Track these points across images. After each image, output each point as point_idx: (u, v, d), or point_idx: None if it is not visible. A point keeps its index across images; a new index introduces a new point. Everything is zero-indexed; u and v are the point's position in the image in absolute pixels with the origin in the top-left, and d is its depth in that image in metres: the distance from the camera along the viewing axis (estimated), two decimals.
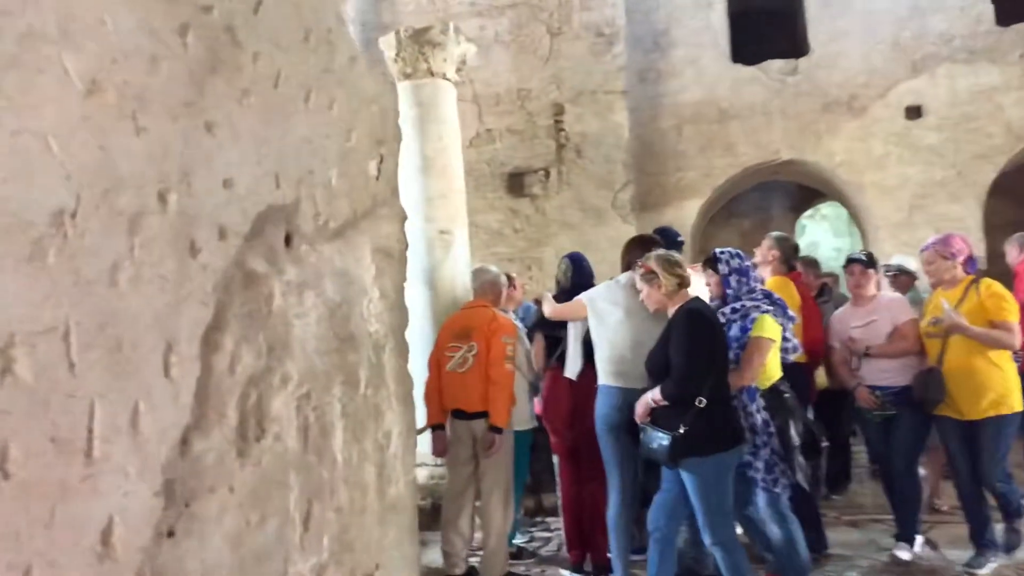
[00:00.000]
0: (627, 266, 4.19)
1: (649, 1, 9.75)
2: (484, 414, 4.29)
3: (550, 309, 4.48)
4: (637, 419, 3.55)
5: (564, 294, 4.65)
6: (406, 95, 6.55)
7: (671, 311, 3.57)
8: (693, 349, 3.35)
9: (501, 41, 9.72)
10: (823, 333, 4.88)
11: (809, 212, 13.83)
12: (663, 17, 9.76)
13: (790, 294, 4.74)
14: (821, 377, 5.05)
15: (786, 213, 13.07)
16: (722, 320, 3.72)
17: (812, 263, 6.60)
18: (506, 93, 9.71)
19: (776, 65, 9.54)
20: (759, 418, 3.65)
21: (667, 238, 4.71)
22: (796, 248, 5.20)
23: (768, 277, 4.92)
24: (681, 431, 3.31)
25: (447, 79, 6.63)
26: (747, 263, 3.88)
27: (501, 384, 4.24)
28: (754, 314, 3.70)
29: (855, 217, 10.88)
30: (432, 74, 6.50)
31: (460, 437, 4.41)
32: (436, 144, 6.51)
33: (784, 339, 3.81)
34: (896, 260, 6.07)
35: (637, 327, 3.89)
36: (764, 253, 5.03)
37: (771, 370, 3.76)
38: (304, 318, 1.33)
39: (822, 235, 14.68)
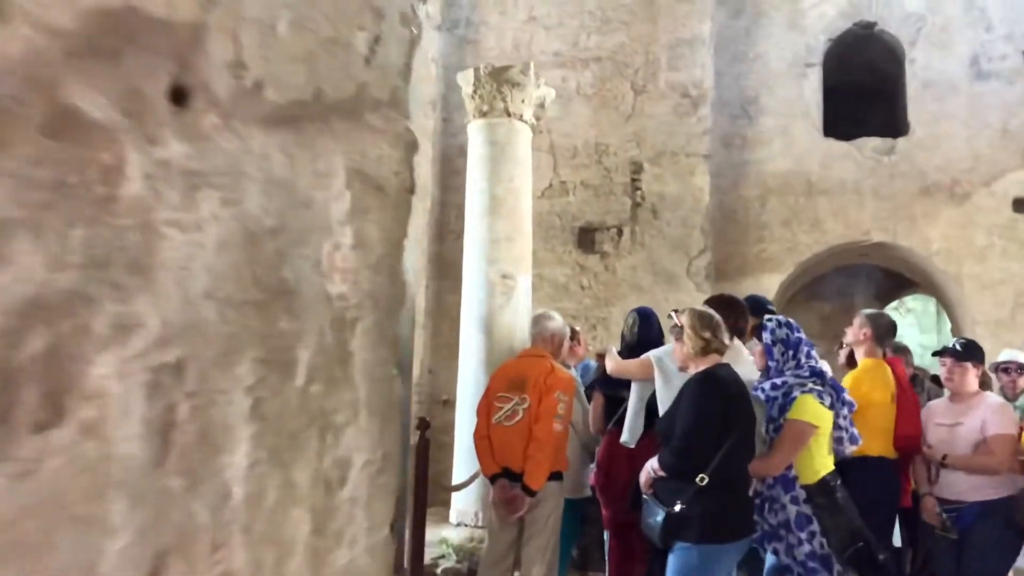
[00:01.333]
0: None
1: (740, 66, 9.42)
2: None
3: (613, 365, 4.04)
4: (642, 488, 3.16)
5: (629, 350, 4.22)
6: (480, 133, 6.31)
7: (691, 372, 3.19)
8: (698, 419, 2.98)
9: (583, 94, 9.49)
10: (920, 428, 4.30)
11: (894, 304, 13.07)
12: (753, 83, 9.40)
13: (884, 379, 4.22)
14: None
15: (870, 301, 12.32)
16: (761, 396, 3.29)
17: (902, 350, 5.97)
18: (584, 146, 9.42)
19: (872, 143, 9.04)
20: (793, 512, 3.17)
21: (757, 306, 4.24)
22: (893, 327, 4.64)
23: (860, 358, 4.40)
24: (676, 509, 2.93)
25: (524, 121, 6.37)
26: (798, 335, 3.42)
27: (542, 442, 3.79)
28: (796, 393, 3.24)
29: (948, 311, 10.15)
30: (509, 114, 6.25)
31: None
32: (507, 185, 6.22)
33: (837, 427, 3.33)
34: (1006, 355, 5.38)
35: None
36: (855, 332, 4.51)
37: (818, 461, 3.25)
38: (192, 234, 0.77)
39: (907, 329, 13.83)
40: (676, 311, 3.36)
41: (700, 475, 2.89)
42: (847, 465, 4.13)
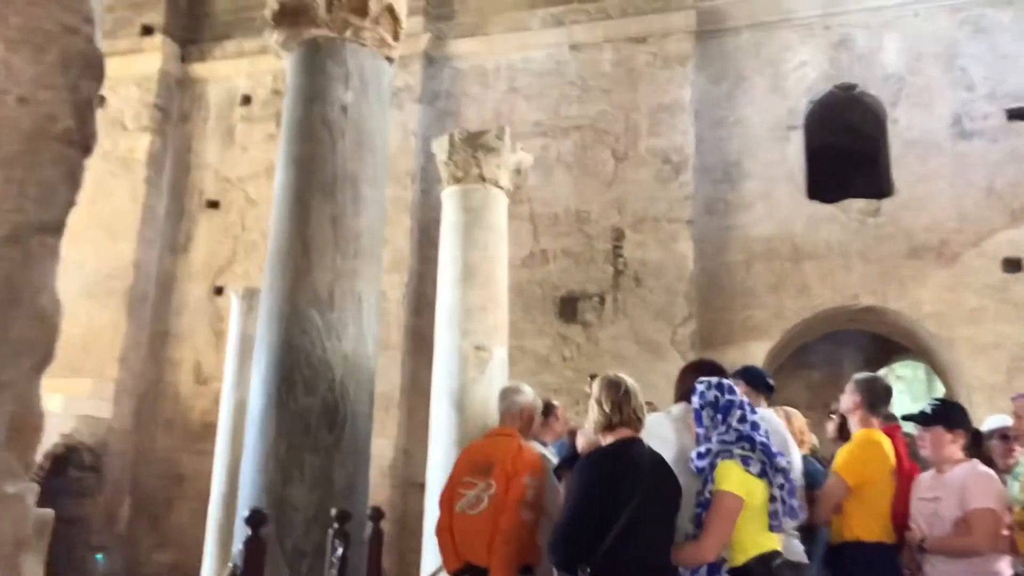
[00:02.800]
0: (681, 396, 3.43)
1: (721, 130, 9.33)
2: None
3: (585, 442, 3.72)
4: None
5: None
6: (454, 200, 6.12)
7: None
8: (578, 503, 2.70)
9: (563, 162, 9.37)
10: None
11: (883, 370, 12.76)
12: (735, 148, 9.29)
13: (880, 452, 3.87)
14: None
15: (859, 367, 11.97)
16: (694, 469, 2.89)
17: (889, 417, 5.61)
18: (564, 214, 9.26)
19: (857, 205, 8.88)
20: None
21: (752, 378, 3.94)
22: (888, 392, 4.29)
23: (854, 429, 4.07)
24: None
25: (499, 187, 6.18)
26: (730, 397, 2.95)
27: (509, 535, 3.43)
28: (717, 460, 2.83)
29: (941, 376, 9.84)
30: (484, 180, 6.07)
31: None
32: (481, 252, 5.99)
33: (772, 498, 2.82)
34: (995, 422, 5.02)
35: (691, 471, 3.11)
36: (847, 400, 4.19)
37: (747, 540, 2.78)
38: None
39: (897, 397, 13.49)
40: (591, 377, 3.04)
41: (581, 566, 2.58)
42: (838, 551, 3.76)
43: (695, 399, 3.01)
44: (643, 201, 9.01)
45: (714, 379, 3.02)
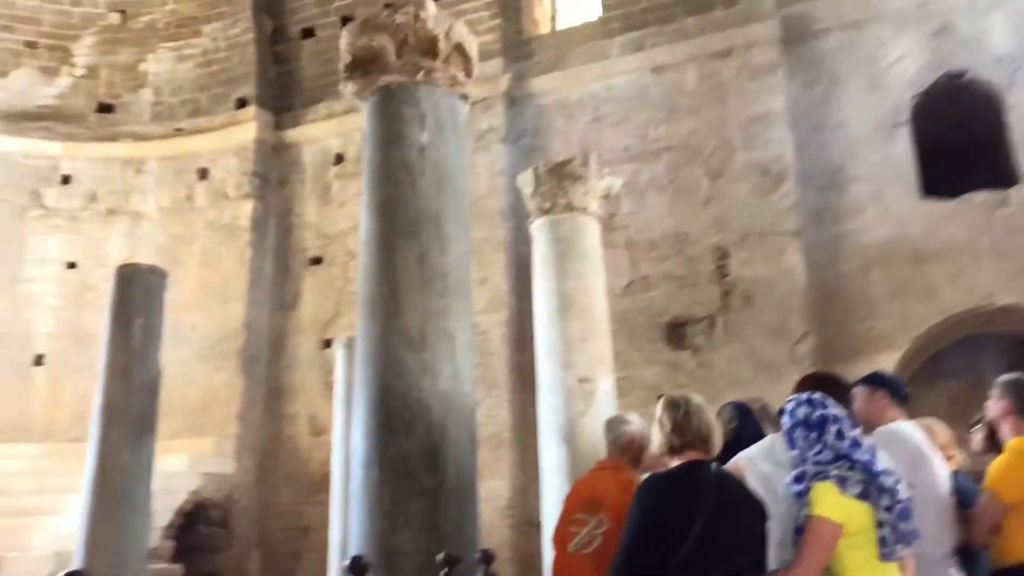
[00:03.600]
0: None
1: (820, 135, 8.89)
2: None
3: (652, 463, 3.48)
4: None
5: (725, 452, 3.62)
6: (543, 232, 6.01)
7: None
8: (634, 532, 2.47)
9: (656, 185, 9.15)
10: None
11: None
12: (838, 152, 8.83)
13: None
14: None
15: (1001, 374, 11.09)
16: (791, 495, 2.60)
17: None
18: (662, 238, 9.00)
19: (980, 197, 8.24)
20: None
21: (891, 385, 3.58)
22: None
23: (1006, 438, 3.64)
24: None
25: (589, 214, 6.03)
26: (822, 412, 2.65)
27: None
28: (812, 483, 2.53)
29: None
30: (572, 209, 5.94)
31: None
32: (576, 282, 5.84)
33: (879, 523, 2.48)
34: None
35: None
36: (993, 407, 3.76)
37: (852, 572, 2.46)
38: None
39: None
40: (658, 398, 2.79)
41: None
42: None
43: (784, 419, 2.74)
44: (745, 216, 8.65)
45: (803, 395, 2.72)
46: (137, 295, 4.80)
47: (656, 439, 2.68)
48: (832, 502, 2.45)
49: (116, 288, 4.91)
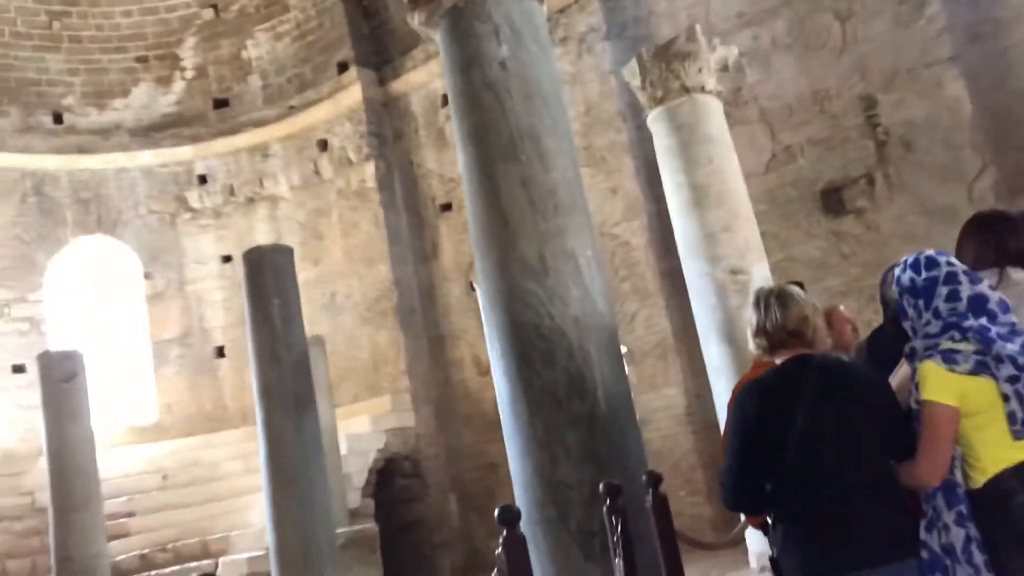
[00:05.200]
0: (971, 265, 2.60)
1: None
2: None
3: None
4: None
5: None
6: (661, 123, 5.58)
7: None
8: (731, 448, 2.30)
9: (780, 45, 8.30)
10: None
11: None
12: None
13: None
14: None
15: None
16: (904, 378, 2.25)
17: None
18: (798, 102, 8.20)
19: None
20: (959, 534, 2.11)
21: None
22: None
23: None
24: (770, 556, 2.36)
25: (708, 92, 5.51)
26: (932, 274, 2.21)
27: None
28: (919, 362, 2.17)
29: None
30: (687, 91, 5.44)
31: None
32: (707, 169, 5.40)
33: (1005, 397, 2.07)
34: None
35: None
36: None
37: (984, 455, 2.10)
38: None
39: None
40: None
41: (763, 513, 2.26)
42: None
43: (890, 291, 2.36)
44: (888, 55, 7.70)
45: (911, 256, 2.30)
46: (268, 276, 4.87)
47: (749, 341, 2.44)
48: (939, 383, 2.10)
49: (247, 274, 5.00)
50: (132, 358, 10.82)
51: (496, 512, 2.62)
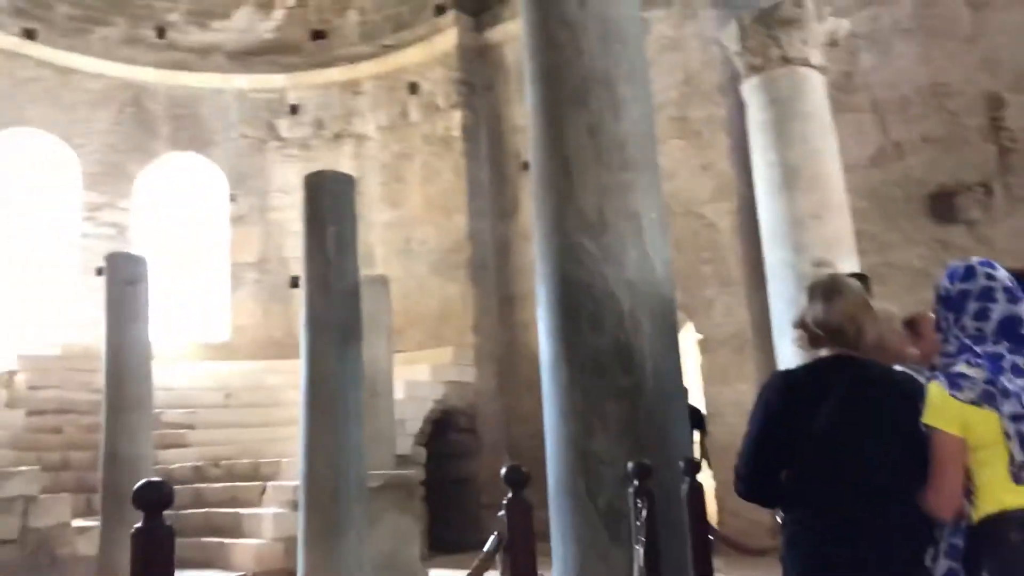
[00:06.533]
0: None
1: None
2: None
3: None
4: None
5: None
6: (757, 93, 5.24)
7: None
8: (751, 431, 2.17)
9: (902, 29, 7.70)
10: None
11: None
12: None
13: None
14: None
15: None
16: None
17: None
18: (916, 94, 7.61)
19: None
20: (941, 567, 1.99)
21: None
22: None
23: None
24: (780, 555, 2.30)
25: (811, 66, 5.10)
26: (970, 285, 2.04)
27: None
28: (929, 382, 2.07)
29: None
30: (788, 62, 5.05)
31: None
32: (800, 148, 5.03)
33: (1007, 435, 1.90)
34: None
35: None
36: None
37: (985, 492, 1.93)
38: None
39: None
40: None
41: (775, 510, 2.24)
42: None
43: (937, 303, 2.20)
44: (1022, 51, 7.04)
45: (955, 264, 2.14)
46: (326, 203, 4.80)
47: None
48: (940, 408, 1.95)
49: (305, 197, 4.95)
50: (210, 276, 11.09)
51: (503, 471, 2.46)
